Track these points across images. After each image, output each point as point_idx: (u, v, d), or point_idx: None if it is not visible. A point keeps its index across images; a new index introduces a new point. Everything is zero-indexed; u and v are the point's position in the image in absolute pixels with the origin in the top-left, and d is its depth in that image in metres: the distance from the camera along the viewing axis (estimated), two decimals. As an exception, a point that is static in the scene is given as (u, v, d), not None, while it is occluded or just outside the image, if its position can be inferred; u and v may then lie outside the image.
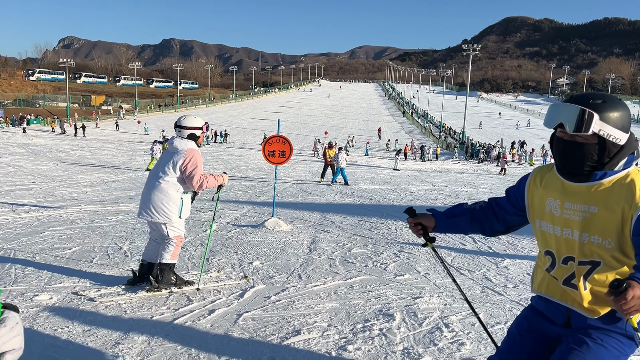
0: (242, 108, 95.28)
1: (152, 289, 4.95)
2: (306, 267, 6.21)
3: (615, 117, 1.96)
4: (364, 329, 4.25)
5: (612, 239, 1.94)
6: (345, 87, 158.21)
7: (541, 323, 2.22)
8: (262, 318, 4.42)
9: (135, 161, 26.36)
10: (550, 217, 2.11)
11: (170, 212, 4.89)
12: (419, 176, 26.57)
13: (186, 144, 5.00)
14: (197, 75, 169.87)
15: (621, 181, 1.97)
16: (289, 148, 9.12)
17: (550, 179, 2.17)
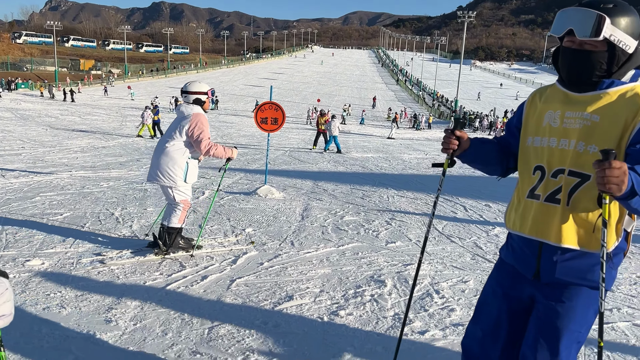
0: (234, 74, 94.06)
1: (160, 252, 5.06)
2: (298, 234, 6.24)
3: (626, 22, 1.91)
4: (355, 295, 4.29)
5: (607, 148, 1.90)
6: (339, 54, 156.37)
7: (514, 287, 2.19)
8: (254, 284, 4.45)
9: (125, 127, 26.07)
10: (547, 130, 2.07)
11: (176, 175, 5.00)
12: (411, 145, 26.56)
13: (192, 108, 5.10)
14: (187, 40, 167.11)
15: (627, 93, 1.93)
16: (281, 115, 9.04)
17: (551, 94, 2.14)
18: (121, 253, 5.12)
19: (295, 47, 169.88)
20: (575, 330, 2.02)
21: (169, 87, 69.46)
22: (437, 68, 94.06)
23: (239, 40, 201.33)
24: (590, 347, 3.44)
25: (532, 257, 2.10)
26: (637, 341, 3.59)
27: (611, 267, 2.02)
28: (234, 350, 3.28)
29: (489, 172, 2.39)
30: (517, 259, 2.19)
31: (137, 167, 11.88)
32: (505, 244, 2.31)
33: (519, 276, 2.18)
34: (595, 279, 1.99)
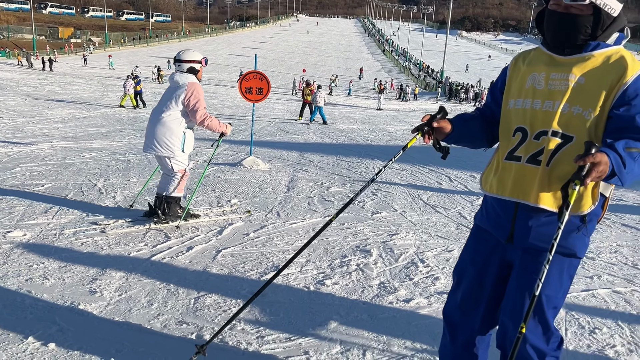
0: (217, 43, 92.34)
1: (159, 222, 5.09)
2: (284, 205, 6.22)
3: None
4: (341, 265, 4.32)
5: (592, 110, 1.92)
6: (324, 23, 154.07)
7: (491, 253, 2.19)
8: (240, 254, 4.45)
9: (107, 97, 25.59)
10: (530, 92, 2.06)
11: (174, 145, 5.02)
12: (397, 116, 26.51)
13: (187, 77, 5.09)
14: (169, 7, 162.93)
15: (612, 56, 1.95)
16: (266, 85, 8.90)
17: (535, 56, 2.14)
18: (119, 222, 5.12)
19: (280, 15, 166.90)
20: (552, 296, 2.04)
21: (151, 56, 68.10)
22: (423, 38, 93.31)
23: (222, 9, 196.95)
24: (570, 314, 3.52)
25: (507, 220, 2.11)
26: (617, 307, 3.67)
27: (584, 234, 2.03)
28: (220, 319, 3.28)
29: (475, 147, 2.37)
30: (491, 222, 2.20)
31: (119, 138, 11.70)
32: (480, 209, 2.32)
33: (496, 242, 2.18)
34: (568, 246, 2.01)
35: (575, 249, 2.04)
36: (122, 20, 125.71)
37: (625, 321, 3.45)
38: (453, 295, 2.34)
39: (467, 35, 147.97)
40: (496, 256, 2.19)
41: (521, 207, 2.05)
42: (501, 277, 2.19)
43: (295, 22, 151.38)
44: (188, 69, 5.14)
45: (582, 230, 2.02)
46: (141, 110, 20.30)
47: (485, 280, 2.22)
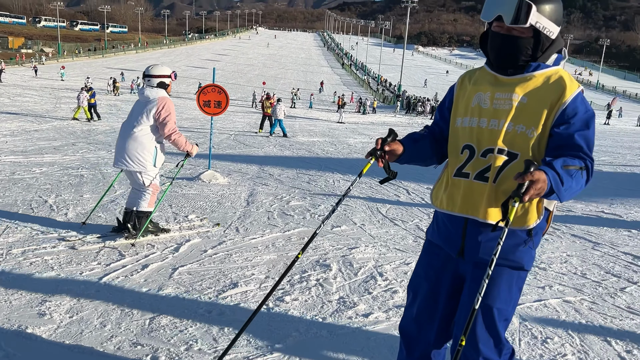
0: (175, 55, 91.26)
1: (130, 237, 5.01)
2: (244, 220, 6.17)
3: (550, 9, 2.01)
4: (301, 280, 4.30)
5: (535, 128, 2.00)
6: (284, 37, 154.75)
7: (444, 268, 2.24)
8: (198, 272, 4.37)
9: (60, 109, 24.81)
10: (476, 111, 2.13)
11: (146, 160, 5.02)
12: (356, 129, 26.79)
13: (157, 92, 5.11)
14: (126, 18, 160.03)
15: (552, 76, 2.05)
16: (225, 98, 8.84)
17: (480, 76, 2.22)
18: (88, 238, 5.03)
19: (240, 28, 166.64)
20: (503, 309, 2.10)
21: (106, 67, 66.58)
22: (381, 53, 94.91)
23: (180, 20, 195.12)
24: (524, 324, 3.61)
25: (457, 235, 2.16)
26: (567, 317, 3.79)
27: (531, 247, 2.11)
28: (176, 340, 3.20)
29: (425, 165, 2.42)
30: (442, 237, 2.25)
31: (72, 152, 11.35)
32: (431, 224, 2.37)
33: (448, 257, 2.23)
34: (516, 260, 2.09)
35: (523, 262, 2.11)
36: (76, 31, 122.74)
37: (575, 330, 3.57)
38: (409, 310, 2.37)
39: (423, 50, 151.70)
40: (449, 270, 2.24)
41: (470, 222, 2.11)
42: (454, 291, 2.24)
43: (255, 35, 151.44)
44: (158, 84, 5.17)
45: (529, 244, 2.09)
46: (95, 123, 19.78)
47: (439, 295, 2.26)
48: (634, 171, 13.39)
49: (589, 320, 3.73)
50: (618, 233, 6.37)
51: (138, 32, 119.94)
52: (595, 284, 4.50)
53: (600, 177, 11.51)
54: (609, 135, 29.61)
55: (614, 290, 4.36)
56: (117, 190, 7.35)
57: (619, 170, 13.31)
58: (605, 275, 4.74)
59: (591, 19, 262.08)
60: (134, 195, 5.21)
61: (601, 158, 16.03)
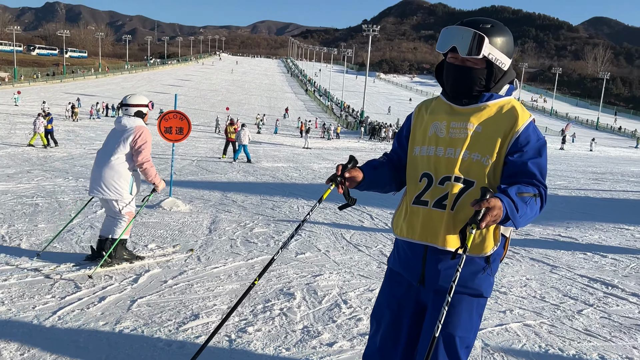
0: (137, 80, 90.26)
1: (105, 264, 4.99)
2: (206, 249, 6.06)
3: (502, 42, 2.09)
4: (264, 310, 4.23)
5: (490, 156, 2.07)
6: (247, 62, 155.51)
7: (406, 296, 2.25)
8: (157, 303, 4.24)
9: (15, 135, 24.04)
10: (433, 140, 2.18)
11: (122, 188, 5.06)
12: (320, 154, 26.95)
13: (134, 121, 5.21)
14: (85, 43, 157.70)
15: (504, 106, 2.12)
16: (187, 124, 8.77)
17: (436, 106, 2.27)
18: (62, 267, 4.99)
19: (203, 54, 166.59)
20: (464, 337, 2.13)
21: (64, 92, 65.16)
22: (344, 79, 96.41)
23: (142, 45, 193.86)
24: (486, 349, 3.64)
25: (418, 263, 2.19)
26: (528, 341, 3.84)
27: (489, 274, 2.15)
28: (134, 376, 3.08)
29: (384, 192, 2.45)
30: (403, 265, 2.27)
31: (27, 180, 10.97)
32: (392, 252, 2.39)
33: (409, 285, 2.25)
34: (475, 287, 2.13)
35: (482, 289, 2.15)
36: (33, 55, 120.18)
37: (535, 354, 3.62)
38: (372, 339, 2.36)
39: (384, 77, 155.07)
40: (411, 299, 2.25)
41: (430, 250, 2.14)
42: (417, 319, 2.25)
43: (218, 60, 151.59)
44: (136, 113, 5.26)
45: (487, 271, 2.14)
46: (52, 150, 19.22)
47: (402, 323, 2.26)
48: (588, 195, 13.90)
49: (549, 343, 3.80)
50: (574, 256, 6.55)
51: (98, 57, 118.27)
52: (554, 307, 4.60)
53: (556, 201, 11.89)
54: (564, 160, 30.74)
55: (572, 313, 4.46)
56: (73, 220, 7.12)
57: (573, 194, 13.78)
58: (563, 298, 4.85)
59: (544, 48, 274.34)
60: (108, 223, 5.21)
61: (556, 182, 16.59)
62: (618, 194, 14.20)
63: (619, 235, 7.96)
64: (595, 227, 8.65)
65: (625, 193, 14.35)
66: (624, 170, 23.71)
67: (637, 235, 7.99)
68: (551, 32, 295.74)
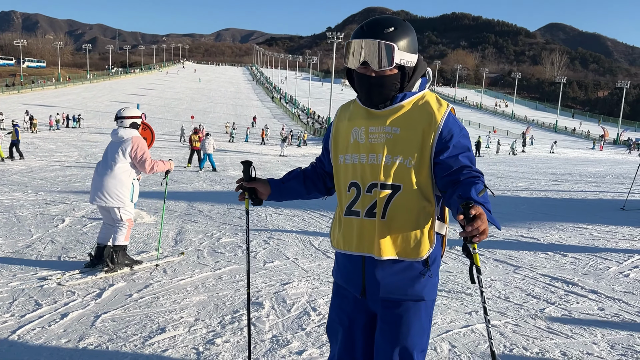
0: (98, 90, 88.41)
1: (109, 270, 5.25)
2: (171, 261, 5.96)
3: (408, 43, 2.03)
4: (232, 320, 4.19)
5: (412, 158, 2.01)
6: (212, 70, 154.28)
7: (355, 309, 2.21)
8: (122, 318, 4.15)
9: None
10: (355, 147, 2.12)
11: (124, 196, 5.35)
12: (288, 161, 26.91)
13: (130, 132, 5.52)
14: (44, 52, 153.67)
15: (418, 102, 2.08)
16: (150, 134, 8.62)
17: (354, 111, 2.20)
18: (69, 274, 5.19)
19: (166, 62, 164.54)
20: (417, 342, 2.11)
21: (22, 103, 63.20)
22: (309, 86, 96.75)
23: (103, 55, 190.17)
24: (453, 351, 3.70)
25: (357, 275, 2.14)
26: (493, 341, 3.91)
27: (429, 276, 2.10)
28: (99, 394, 3.00)
29: (309, 199, 2.46)
30: (344, 278, 2.22)
31: (-17, 194, 10.57)
32: (334, 265, 2.33)
33: (355, 297, 2.19)
34: (416, 293, 2.08)
35: (424, 294, 2.10)
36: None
37: (500, 353, 3.69)
38: (331, 354, 2.33)
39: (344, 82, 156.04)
40: (361, 311, 2.21)
41: (368, 260, 2.10)
42: (370, 329, 2.22)
43: (182, 69, 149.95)
44: (131, 124, 5.55)
45: (427, 274, 2.09)
46: (10, 163, 18.58)
47: (355, 336, 2.23)
48: (549, 195, 14.30)
49: (513, 342, 3.88)
50: (536, 256, 6.73)
51: (57, 66, 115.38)
52: (518, 306, 4.71)
53: (518, 203, 12.20)
54: (525, 162, 31.58)
55: (535, 312, 4.57)
56: (33, 235, 6.92)
57: (535, 195, 14.17)
58: (526, 298, 4.97)
59: (503, 54, 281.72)
60: (107, 231, 5.51)
61: (518, 184, 17.02)
62: (577, 194, 14.67)
63: (578, 235, 8.22)
64: (555, 227, 8.90)
65: (583, 193, 14.84)
66: (582, 171, 24.52)
67: (595, 234, 8.27)
68: (510, 38, 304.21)
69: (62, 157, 21.79)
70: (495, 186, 16.25)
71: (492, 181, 17.95)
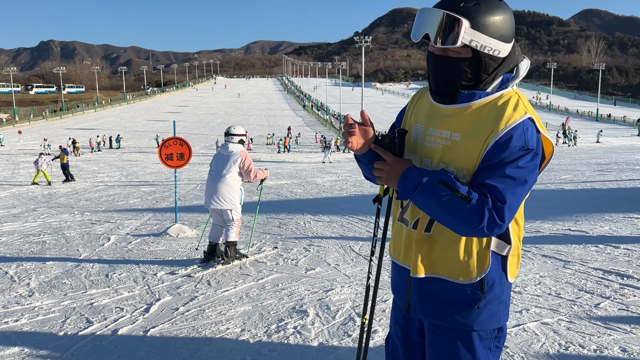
0: (135, 110, 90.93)
1: (225, 263, 6.21)
2: (215, 273, 6.02)
3: (492, 23, 1.62)
4: (278, 329, 4.19)
5: (467, 171, 1.70)
6: (243, 84, 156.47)
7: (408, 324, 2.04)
8: (170, 332, 4.21)
9: (19, 175, 24.18)
10: (413, 148, 1.86)
11: (235, 199, 6.36)
12: (323, 168, 26.93)
13: (239, 147, 6.52)
14: (82, 78, 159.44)
15: (491, 105, 1.70)
16: (187, 150, 8.79)
17: (422, 103, 1.91)
18: (191, 269, 6.13)
19: (199, 78, 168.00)
20: None
21: (65, 128, 65.65)
22: (340, 92, 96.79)
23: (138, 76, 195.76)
24: (505, 352, 3.58)
25: (404, 288, 1.95)
26: (547, 339, 3.78)
27: (485, 304, 1.79)
28: (151, 408, 3.04)
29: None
30: (393, 288, 2.06)
31: (33, 218, 10.99)
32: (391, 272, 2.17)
33: (402, 314, 2.03)
34: (464, 321, 1.80)
35: (475, 323, 1.80)
36: (31, 95, 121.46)
37: (556, 352, 3.56)
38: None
39: (381, 86, 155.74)
40: (412, 325, 2.03)
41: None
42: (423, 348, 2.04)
43: (214, 84, 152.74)
44: (239, 141, 6.55)
45: (480, 299, 1.78)
46: (56, 186, 19.26)
47: (411, 351, 2.06)
48: (594, 187, 13.80)
49: (569, 340, 3.73)
50: (586, 249, 6.48)
51: (96, 90, 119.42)
52: (570, 302, 4.54)
53: (562, 195, 11.82)
54: (567, 154, 30.63)
55: (589, 308, 4.39)
56: (81, 254, 7.12)
57: (579, 187, 13.69)
58: (579, 293, 4.79)
59: (537, 44, 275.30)
60: (217, 231, 6.53)
61: (562, 177, 16.51)
62: (625, 183, 14.10)
63: (630, 225, 7.88)
64: (604, 218, 8.57)
65: (632, 182, 14.25)
66: (629, 159, 23.59)
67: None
68: (542, 28, 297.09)
69: (104, 177, 22.45)
70: (538, 179, 15.80)
71: (534, 175, 17.46)
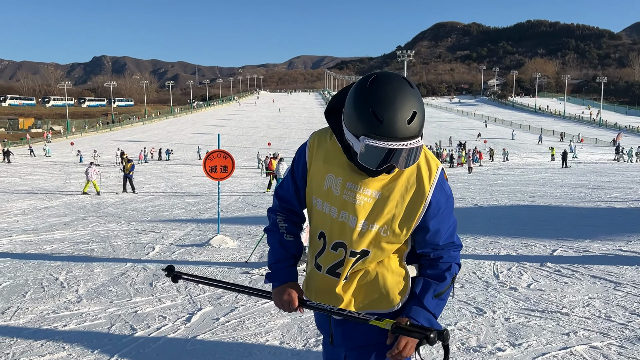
0: (181, 123, 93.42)
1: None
2: (255, 284, 6.08)
3: (423, 118, 1.70)
4: (317, 343, 4.17)
5: (389, 227, 1.79)
6: (285, 98, 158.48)
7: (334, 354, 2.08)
8: (211, 342, 4.26)
9: (70, 185, 25.20)
10: (327, 196, 1.84)
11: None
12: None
13: None
14: (131, 92, 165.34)
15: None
16: (231, 162, 8.96)
17: (332, 151, 1.85)
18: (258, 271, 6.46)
19: (242, 92, 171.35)
20: None
21: (114, 140, 68.10)
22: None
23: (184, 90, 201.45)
24: (552, 375, 3.45)
25: (325, 321, 2.03)
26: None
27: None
28: (191, 417, 3.08)
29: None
30: (317, 321, 2.14)
31: (82, 227, 11.41)
32: None
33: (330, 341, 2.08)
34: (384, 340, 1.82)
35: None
36: (83, 108, 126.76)
37: (606, 378, 3.41)
38: None
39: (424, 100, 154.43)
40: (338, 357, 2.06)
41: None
42: None
43: (257, 98, 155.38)
44: None
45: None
46: (105, 196, 19.96)
47: None
48: (647, 205, 13.21)
49: (620, 366, 3.57)
50: (639, 271, 6.20)
51: (144, 104, 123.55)
52: (622, 326, 4.34)
53: (614, 214, 11.36)
54: (618, 171, 29.47)
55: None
56: (127, 263, 7.33)
57: (632, 206, 13.14)
58: (631, 317, 4.57)
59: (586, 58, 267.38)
60: None
61: (612, 195, 15.89)
62: (681, 202, 13.44)
63: (687, 246, 7.49)
64: (659, 239, 8.18)
65: (689, 201, 13.57)
66: (685, 177, 22.48)
67: None
68: (592, 42, 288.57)
69: (150, 188, 23.11)
70: (587, 198, 15.26)
71: (583, 192, 16.88)
